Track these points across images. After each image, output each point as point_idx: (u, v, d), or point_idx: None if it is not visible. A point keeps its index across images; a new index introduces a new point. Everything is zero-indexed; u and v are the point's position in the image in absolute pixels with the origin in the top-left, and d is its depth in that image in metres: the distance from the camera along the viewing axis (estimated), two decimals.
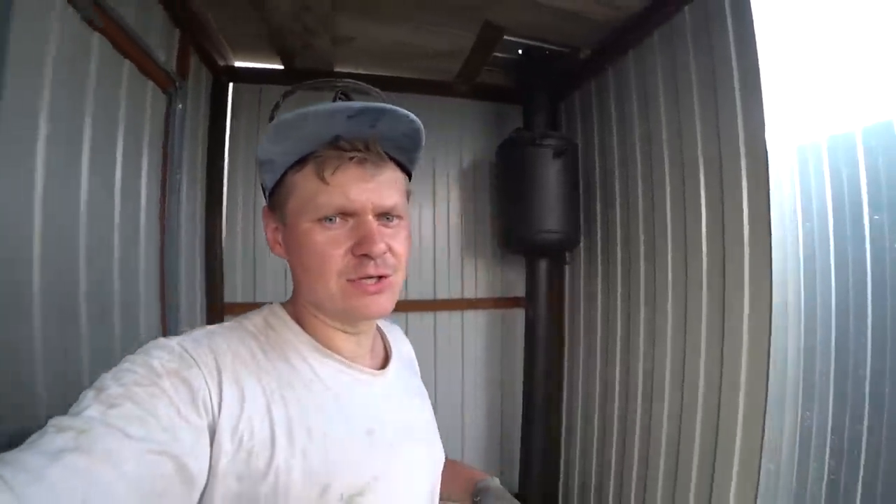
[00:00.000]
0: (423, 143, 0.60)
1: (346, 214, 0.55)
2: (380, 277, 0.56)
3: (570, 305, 2.23)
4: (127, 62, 1.22)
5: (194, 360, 0.50)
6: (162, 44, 1.46)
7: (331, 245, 0.55)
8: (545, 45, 1.96)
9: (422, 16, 1.72)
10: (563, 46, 1.97)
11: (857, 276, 1.44)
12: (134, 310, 1.39)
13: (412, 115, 0.55)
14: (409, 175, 0.64)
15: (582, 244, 2.10)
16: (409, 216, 0.63)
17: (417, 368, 0.83)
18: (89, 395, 0.44)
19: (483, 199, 2.30)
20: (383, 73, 2.17)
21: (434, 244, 2.29)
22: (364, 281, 0.56)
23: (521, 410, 2.11)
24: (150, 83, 1.37)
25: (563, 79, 2.14)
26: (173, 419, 0.45)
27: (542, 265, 2.00)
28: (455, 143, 2.32)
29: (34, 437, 0.40)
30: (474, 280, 2.33)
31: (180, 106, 1.55)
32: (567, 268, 2.24)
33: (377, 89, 0.63)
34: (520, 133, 1.97)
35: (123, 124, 1.25)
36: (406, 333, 0.83)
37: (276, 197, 0.59)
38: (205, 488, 0.48)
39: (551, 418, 2.21)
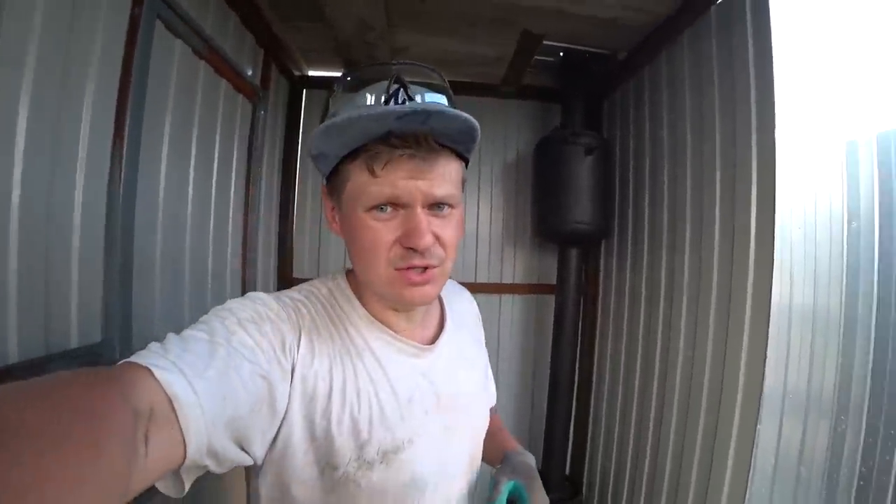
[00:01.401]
0: (479, 138, 0.59)
1: (396, 205, 0.56)
2: (425, 268, 0.58)
3: (603, 293, 2.36)
4: (223, 81, 1.55)
5: (286, 314, 0.58)
6: (250, 62, 1.79)
7: (381, 234, 0.57)
8: (584, 49, 2.10)
9: (466, 29, 1.93)
10: (601, 49, 2.09)
11: None
12: (221, 277, 1.73)
13: (464, 115, 0.54)
14: (467, 161, 0.64)
15: (616, 236, 2.22)
16: (464, 202, 0.63)
17: (480, 331, 0.85)
18: (214, 320, 0.53)
19: (524, 192, 2.47)
20: None
21: (476, 232, 2.50)
22: (410, 271, 0.58)
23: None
24: (240, 96, 1.70)
25: (603, 78, 2.25)
26: (271, 356, 0.53)
27: (573, 254, 2.16)
28: (500, 140, 2.51)
29: (177, 340, 0.48)
30: (512, 266, 2.52)
31: (263, 112, 1.87)
32: (601, 257, 2.37)
33: (433, 69, 0.61)
34: (555, 132, 2.13)
35: (219, 130, 1.58)
36: None
37: (332, 181, 0.61)
38: (280, 424, 0.55)
39: (579, 402, 2.37)
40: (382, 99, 0.55)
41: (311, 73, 2.39)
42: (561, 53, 2.14)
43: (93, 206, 1.03)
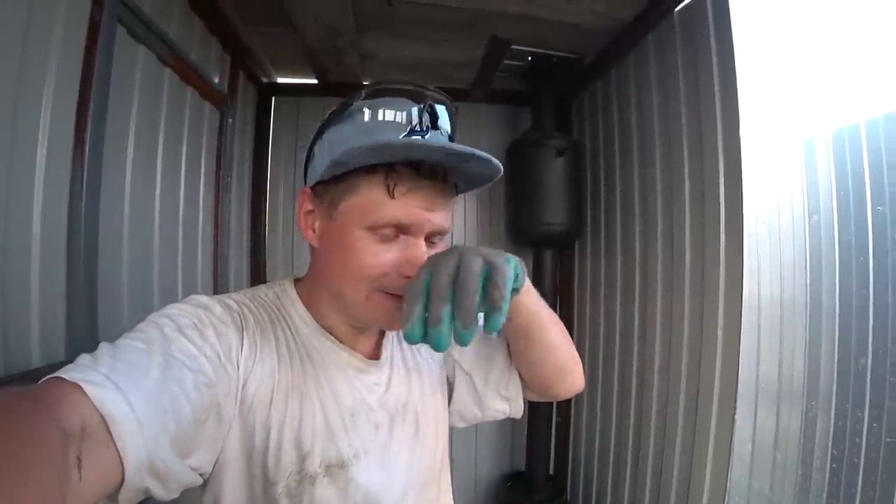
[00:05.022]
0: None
1: (401, 231, 0.55)
2: None
3: (579, 293, 2.39)
4: (189, 89, 1.51)
5: (231, 318, 0.55)
6: (216, 69, 1.75)
7: (378, 259, 0.55)
8: (551, 53, 2.13)
9: (435, 34, 1.94)
10: (568, 53, 2.13)
11: (860, 269, 1.48)
12: (193, 291, 1.64)
13: (496, 162, 0.54)
14: None
15: (589, 235, 2.26)
16: None
17: None
18: (151, 327, 0.49)
19: (497, 195, 2.47)
20: None
21: (451, 238, 2.48)
22: (395, 297, 0.56)
23: None
24: (207, 104, 1.66)
25: (571, 81, 2.28)
26: (216, 363, 0.50)
27: (548, 255, 2.18)
28: (471, 145, 2.47)
29: (109, 350, 0.45)
30: None
31: (230, 120, 1.83)
32: (576, 257, 2.40)
33: (448, 97, 0.61)
34: (526, 134, 2.15)
35: (186, 139, 1.54)
36: None
37: (328, 186, 0.57)
38: (227, 434, 0.52)
39: (560, 401, 2.37)
40: (409, 119, 0.55)
41: (280, 79, 2.36)
42: (529, 58, 2.16)
43: (53, 218, 0.99)
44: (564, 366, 0.71)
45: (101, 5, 1.01)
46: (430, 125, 0.56)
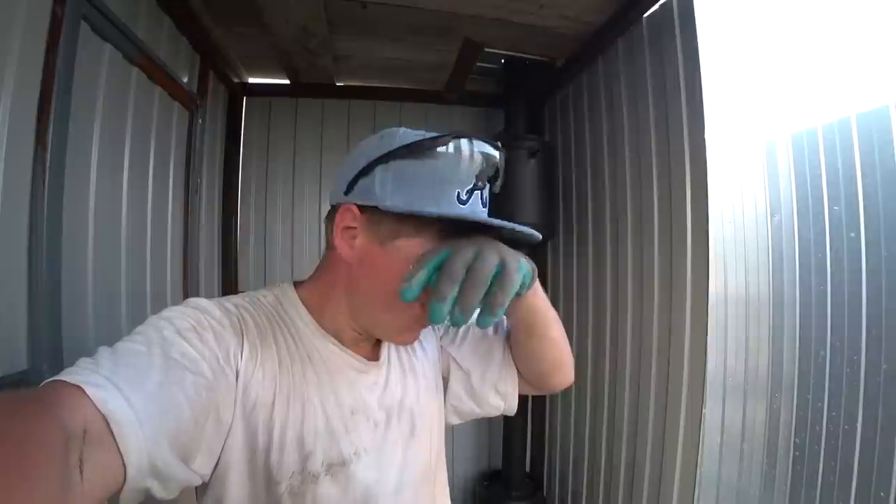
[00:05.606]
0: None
1: None
2: None
3: (551, 292, 2.42)
4: (158, 88, 1.47)
5: (229, 322, 0.56)
6: (186, 68, 1.71)
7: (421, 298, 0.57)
8: (524, 56, 2.16)
9: (408, 36, 1.94)
10: (540, 56, 2.16)
11: (819, 266, 1.56)
12: (162, 297, 1.63)
13: (539, 238, 0.62)
14: None
15: (561, 236, 2.29)
16: None
17: (433, 340, 0.80)
18: (150, 330, 0.49)
19: None
20: (379, 85, 2.40)
21: None
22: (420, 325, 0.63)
23: None
24: (176, 104, 1.62)
25: (544, 84, 2.32)
26: (215, 366, 0.51)
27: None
28: None
29: (109, 353, 0.45)
30: None
31: (200, 121, 1.79)
32: (548, 256, 2.44)
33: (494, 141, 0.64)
34: (499, 136, 2.18)
35: (154, 141, 1.49)
36: None
37: (385, 215, 0.57)
38: (226, 437, 0.53)
39: (535, 399, 2.41)
40: (476, 169, 0.58)
41: (251, 80, 2.32)
42: (502, 60, 2.19)
43: (14, 222, 0.95)
44: (561, 360, 0.77)
45: (63, 1, 0.98)
46: (491, 177, 0.61)
